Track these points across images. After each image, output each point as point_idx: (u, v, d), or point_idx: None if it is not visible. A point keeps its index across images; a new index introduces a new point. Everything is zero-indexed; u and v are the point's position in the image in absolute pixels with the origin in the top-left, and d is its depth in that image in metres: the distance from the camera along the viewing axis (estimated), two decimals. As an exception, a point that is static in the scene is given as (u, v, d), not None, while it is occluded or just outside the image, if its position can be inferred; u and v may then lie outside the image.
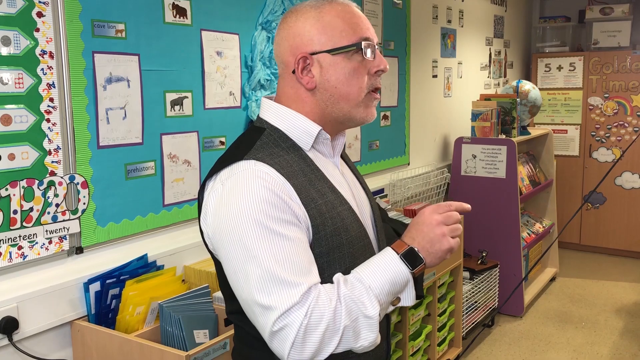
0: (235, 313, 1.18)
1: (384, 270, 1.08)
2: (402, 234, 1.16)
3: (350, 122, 1.22)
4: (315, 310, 1.01)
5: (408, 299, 1.14)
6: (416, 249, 1.11)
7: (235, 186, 1.07)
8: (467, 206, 1.18)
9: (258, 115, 1.25)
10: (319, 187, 1.15)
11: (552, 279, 4.69)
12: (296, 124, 1.19)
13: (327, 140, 1.22)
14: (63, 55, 1.77)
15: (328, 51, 1.15)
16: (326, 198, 1.14)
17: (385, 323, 1.29)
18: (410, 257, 1.10)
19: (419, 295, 1.35)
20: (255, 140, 1.17)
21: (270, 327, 1.01)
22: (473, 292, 3.59)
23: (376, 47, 1.19)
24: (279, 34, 1.22)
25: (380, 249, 1.29)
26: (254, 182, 1.06)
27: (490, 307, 3.78)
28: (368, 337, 1.05)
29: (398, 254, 1.10)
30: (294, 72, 1.18)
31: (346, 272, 1.13)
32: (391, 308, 1.14)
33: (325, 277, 1.11)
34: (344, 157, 1.35)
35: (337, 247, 1.13)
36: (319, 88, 1.17)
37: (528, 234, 4.28)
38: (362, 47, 1.16)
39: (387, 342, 1.33)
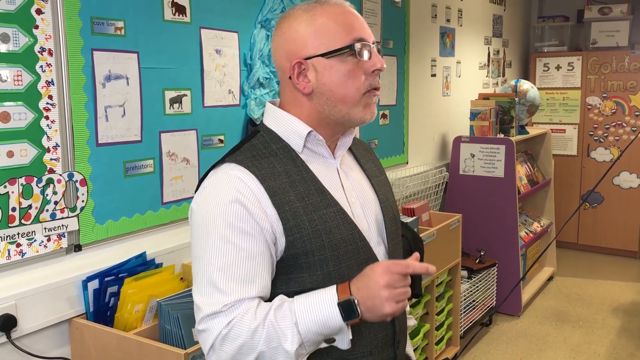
0: None
1: (317, 311, 1.06)
2: (356, 277, 1.11)
3: (350, 123, 1.21)
4: (237, 326, 1.05)
5: (343, 342, 1.10)
6: (356, 302, 1.06)
7: (210, 190, 1.14)
8: (432, 268, 1.10)
9: (261, 120, 1.28)
10: (302, 189, 1.15)
11: (550, 278, 4.70)
12: (288, 126, 1.20)
13: (320, 141, 1.21)
14: (62, 52, 1.77)
15: (322, 55, 1.15)
16: (307, 200, 1.14)
17: (392, 330, 1.25)
18: (347, 308, 1.06)
19: (417, 294, 1.34)
20: (244, 143, 1.20)
21: (197, 325, 1.09)
22: (471, 291, 3.59)
23: (372, 46, 1.18)
24: (274, 41, 1.22)
25: (389, 251, 1.27)
26: (224, 188, 1.12)
27: (488, 306, 3.78)
28: None
29: (338, 299, 1.06)
30: (290, 77, 1.18)
31: (330, 274, 1.14)
32: (324, 345, 1.11)
33: (305, 277, 1.13)
34: (358, 155, 1.34)
35: (317, 250, 1.13)
36: (315, 92, 1.18)
37: (526, 233, 4.29)
38: (356, 48, 1.15)
39: (394, 350, 1.27)
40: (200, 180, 1.21)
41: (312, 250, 1.13)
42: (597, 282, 4.67)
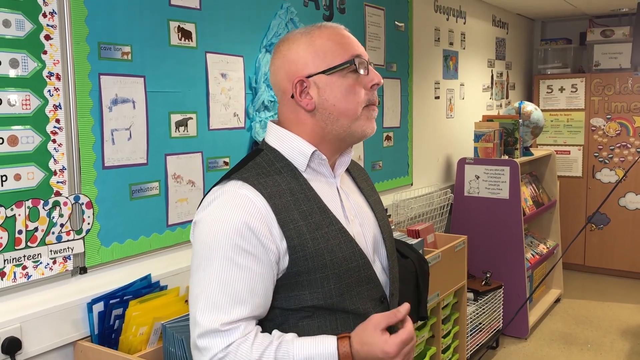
0: None
1: None
2: (355, 343, 1.10)
3: (351, 137, 1.24)
4: (232, 354, 1.06)
5: None
6: None
7: (217, 209, 1.14)
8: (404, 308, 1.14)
9: (263, 138, 1.29)
10: (305, 208, 1.17)
11: (557, 300, 4.66)
12: (292, 145, 1.23)
13: (323, 161, 1.24)
14: (70, 77, 1.79)
15: (323, 72, 1.19)
16: (310, 219, 1.17)
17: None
18: None
19: (423, 317, 1.34)
20: (249, 161, 1.22)
21: (194, 342, 1.09)
22: (477, 314, 3.57)
23: (368, 63, 1.23)
24: (274, 64, 1.26)
25: (389, 269, 1.29)
26: (231, 207, 1.12)
27: (494, 329, 3.75)
28: None
29: None
30: (292, 96, 1.21)
31: (331, 291, 1.15)
32: None
33: (306, 295, 1.15)
34: (355, 175, 1.37)
35: (319, 268, 1.15)
36: (318, 108, 1.21)
37: (532, 254, 4.26)
38: (356, 63, 1.20)
39: None
40: (204, 196, 1.22)
41: (314, 268, 1.15)
42: (604, 304, 4.63)
